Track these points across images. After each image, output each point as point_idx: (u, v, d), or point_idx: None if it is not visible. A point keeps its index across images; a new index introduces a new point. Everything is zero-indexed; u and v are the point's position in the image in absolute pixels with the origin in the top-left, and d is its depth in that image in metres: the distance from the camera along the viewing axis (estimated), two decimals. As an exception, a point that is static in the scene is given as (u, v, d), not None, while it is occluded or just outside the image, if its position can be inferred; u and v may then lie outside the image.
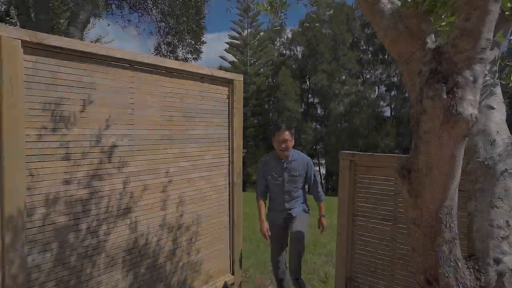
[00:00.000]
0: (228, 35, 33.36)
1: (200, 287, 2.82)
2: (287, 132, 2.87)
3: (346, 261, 2.49)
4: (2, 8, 7.46)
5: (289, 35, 36.27)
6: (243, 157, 3.30)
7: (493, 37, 1.10)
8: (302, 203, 3.05)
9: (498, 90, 1.49)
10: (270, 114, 35.68)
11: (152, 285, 2.42)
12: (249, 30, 32.42)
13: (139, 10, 7.36)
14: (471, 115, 1.01)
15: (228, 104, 2.98)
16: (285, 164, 2.92)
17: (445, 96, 1.02)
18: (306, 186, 3.12)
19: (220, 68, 34.60)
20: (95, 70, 2.03)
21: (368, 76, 35.03)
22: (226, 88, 2.94)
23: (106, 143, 2.10)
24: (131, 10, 7.38)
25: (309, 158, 3.08)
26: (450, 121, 1.01)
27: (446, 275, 1.16)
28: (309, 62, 34.07)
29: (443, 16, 1.18)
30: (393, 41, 1.21)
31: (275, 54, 35.99)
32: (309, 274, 4.20)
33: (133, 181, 2.28)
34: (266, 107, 35.42)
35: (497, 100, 1.46)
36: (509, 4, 1.38)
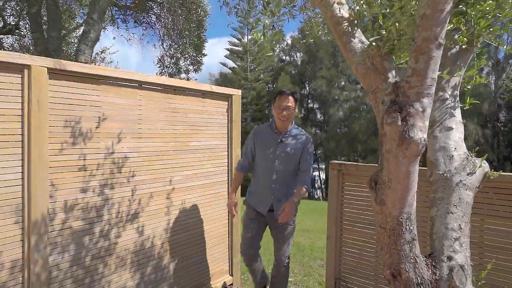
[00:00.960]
0: (228, 41, 33.73)
1: (201, 287, 3.04)
2: (291, 98, 2.45)
3: (335, 263, 2.72)
4: (13, 22, 7.78)
5: (289, 41, 36.63)
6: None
7: (465, 70, 1.35)
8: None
9: (458, 111, 1.73)
10: (270, 120, 35.95)
11: (157, 284, 2.65)
12: (249, 36, 32.82)
13: (143, 24, 7.69)
14: (421, 138, 1.25)
15: (227, 117, 3.22)
16: (280, 137, 2.49)
17: (399, 123, 1.26)
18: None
19: (221, 74, 34.96)
20: (108, 90, 2.28)
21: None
22: (225, 103, 3.19)
23: (117, 155, 2.34)
24: (135, 24, 7.72)
25: (310, 138, 2.57)
26: (404, 144, 1.25)
27: (407, 270, 1.39)
28: (308, 68, 34.40)
29: (401, 56, 1.43)
30: (363, 74, 1.45)
31: (275, 60, 36.34)
32: (305, 277, 4.42)
33: (140, 189, 2.52)
34: (266, 112, 35.73)
35: (456, 121, 1.70)
36: (465, 39, 1.63)
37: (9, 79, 1.81)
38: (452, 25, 1.62)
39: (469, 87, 1.79)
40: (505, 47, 1.82)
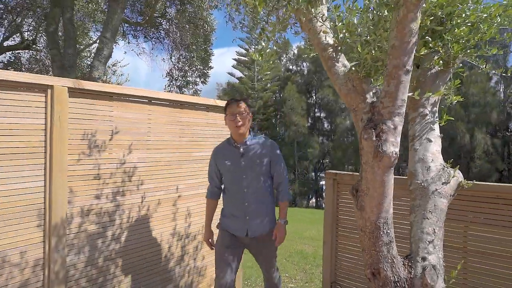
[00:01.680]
0: (236, 51, 34.24)
1: (205, 290, 3.22)
2: (241, 103, 2.29)
3: (331, 267, 2.87)
4: (30, 37, 8.21)
5: (295, 51, 37.04)
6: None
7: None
8: (269, 215, 2.33)
9: (436, 126, 1.90)
10: (277, 129, 36.20)
11: (163, 286, 2.84)
12: (256, 46, 33.31)
13: (153, 39, 8.06)
14: (393, 152, 1.43)
15: (231, 129, 3.43)
16: (241, 148, 2.30)
17: (374, 138, 1.44)
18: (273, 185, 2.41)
19: (228, 84, 35.41)
20: (120, 106, 2.51)
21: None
22: (229, 115, 3.40)
23: (128, 165, 2.56)
24: (145, 39, 8.09)
25: (274, 141, 2.43)
26: (378, 156, 1.43)
27: (385, 269, 1.56)
28: (315, 78, 34.67)
29: (378, 79, 1.62)
30: (345, 95, 1.65)
31: (282, 70, 36.73)
32: (307, 283, 4.55)
33: (148, 196, 2.72)
34: (273, 121, 35.98)
35: (434, 135, 1.87)
36: (441, 61, 1.81)
37: (34, 97, 2.05)
38: (430, 49, 1.80)
39: (444, 106, 1.96)
40: (484, 66, 1.99)
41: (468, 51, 1.84)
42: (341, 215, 2.86)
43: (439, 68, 1.88)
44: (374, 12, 1.59)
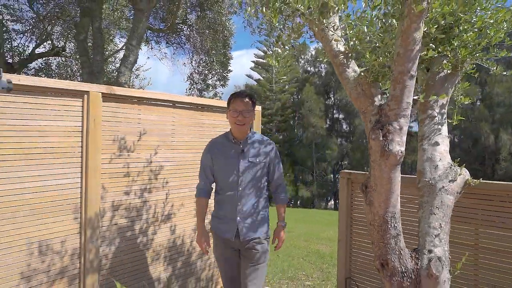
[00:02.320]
0: (254, 54, 34.53)
1: (225, 283, 3.38)
2: (247, 100, 2.14)
3: (345, 263, 2.98)
4: (60, 45, 8.71)
5: (313, 53, 36.94)
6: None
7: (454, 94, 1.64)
8: (261, 218, 2.17)
9: (445, 127, 1.99)
10: (295, 130, 36.18)
11: (185, 277, 3.02)
12: (274, 48, 33.43)
13: (174, 44, 8.38)
14: (398, 151, 1.54)
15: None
16: (241, 146, 2.15)
17: (381, 138, 1.56)
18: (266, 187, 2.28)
19: (246, 86, 35.71)
20: (147, 109, 2.71)
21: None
22: (247, 117, 3.56)
23: (154, 164, 2.76)
24: (167, 44, 8.41)
25: (273, 142, 2.31)
26: (384, 155, 1.55)
27: (393, 260, 1.67)
28: (333, 79, 34.45)
29: (386, 83, 1.73)
30: (355, 98, 1.77)
31: (300, 72, 36.71)
32: (323, 281, 4.65)
33: (172, 193, 2.92)
34: (291, 123, 35.99)
35: (443, 135, 1.96)
36: (449, 65, 1.91)
37: (73, 102, 2.28)
38: (439, 53, 1.90)
39: (452, 107, 2.05)
40: (495, 68, 2.05)
41: (477, 54, 1.92)
42: (355, 214, 2.96)
43: (447, 72, 1.97)
44: (382, 21, 1.71)
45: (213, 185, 2.33)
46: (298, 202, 31.77)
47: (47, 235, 2.17)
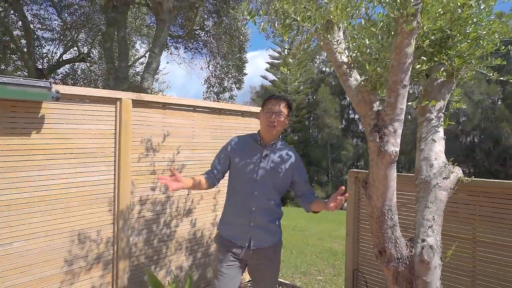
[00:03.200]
0: (269, 55, 34.71)
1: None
2: (283, 103, 2.06)
3: (353, 256, 3.18)
4: (85, 51, 9.23)
5: (329, 53, 36.76)
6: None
7: (448, 100, 1.85)
8: (275, 226, 2.08)
9: (441, 129, 2.18)
10: (310, 131, 36.19)
11: (205, 267, 3.29)
12: (289, 50, 33.58)
13: (192, 49, 8.74)
14: (393, 151, 1.75)
15: (263, 132, 3.85)
16: (266, 150, 2.05)
17: (378, 140, 1.78)
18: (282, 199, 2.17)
19: (262, 86, 35.99)
20: (171, 113, 3.00)
21: (411, 92, 34.42)
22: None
23: (177, 163, 3.05)
24: (185, 50, 8.80)
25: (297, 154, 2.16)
26: (381, 154, 1.76)
27: (390, 248, 1.88)
28: (348, 79, 34.21)
29: (384, 91, 1.95)
30: (356, 104, 1.99)
31: (315, 72, 36.67)
32: (334, 276, 4.85)
33: (193, 190, 3.19)
34: (306, 123, 36.04)
35: (438, 137, 2.15)
36: (444, 73, 2.10)
37: (107, 108, 2.58)
38: (435, 62, 2.10)
39: (451, 110, 2.24)
40: (492, 74, 2.22)
41: (473, 62, 2.10)
42: (362, 210, 3.16)
43: (444, 79, 2.17)
44: (380, 37, 1.93)
45: (220, 187, 2.21)
46: (313, 203, 31.72)
47: (86, 225, 2.48)
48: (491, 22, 1.99)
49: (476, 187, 2.48)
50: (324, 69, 38.27)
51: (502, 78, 2.28)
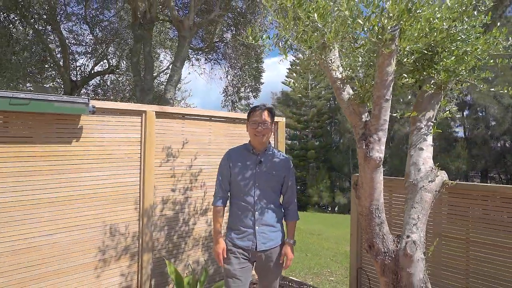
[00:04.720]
0: (289, 61, 34.95)
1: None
2: (266, 112, 2.25)
3: (357, 255, 3.39)
4: (114, 64, 9.94)
5: (350, 58, 36.53)
6: (304, 178, 4.24)
7: (437, 110, 2.10)
8: (278, 226, 2.28)
9: (430, 137, 2.40)
10: (332, 136, 36.02)
11: (220, 263, 3.61)
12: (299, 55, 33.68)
13: (212, 61, 9.22)
14: (378, 157, 2.00)
15: (274, 139, 4.13)
16: (259, 157, 2.25)
17: (364, 147, 2.03)
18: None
19: (282, 92, 36.24)
20: (190, 123, 3.36)
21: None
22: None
23: (194, 168, 3.40)
24: (205, 61, 9.30)
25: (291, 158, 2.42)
26: (367, 159, 2.02)
27: (377, 243, 2.12)
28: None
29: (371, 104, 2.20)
30: (348, 115, 2.25)
31: (336, 77, 36.45)
32: (346, 277, 5.03)
33: (209, 192, 3.52)
34: (327, 129, 35.89)
35: (427, 144, 2.37)
36: (432, 86, 2.33)
37: (134, 119, 2.97)
38: (425, 75, 2.34)
39: (437, 119, 2.45)
40: (482, 86, 2.42)
41: (460, 75, 2.32)
42: (365, 211, 3.38)
43: (432, 91, 2.39)
44: (366, 57, 2.19)
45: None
46: (336, 209, 31.54)
47: (116, 220, 2.86)
48: (477, 38, 2.19)
49: (468, 191, 2.67)
50: (345, 74, 38.02)
51: (492, 90, 2.47)
